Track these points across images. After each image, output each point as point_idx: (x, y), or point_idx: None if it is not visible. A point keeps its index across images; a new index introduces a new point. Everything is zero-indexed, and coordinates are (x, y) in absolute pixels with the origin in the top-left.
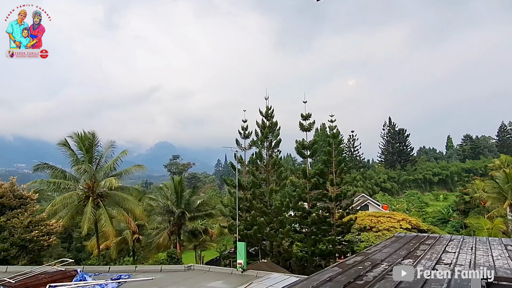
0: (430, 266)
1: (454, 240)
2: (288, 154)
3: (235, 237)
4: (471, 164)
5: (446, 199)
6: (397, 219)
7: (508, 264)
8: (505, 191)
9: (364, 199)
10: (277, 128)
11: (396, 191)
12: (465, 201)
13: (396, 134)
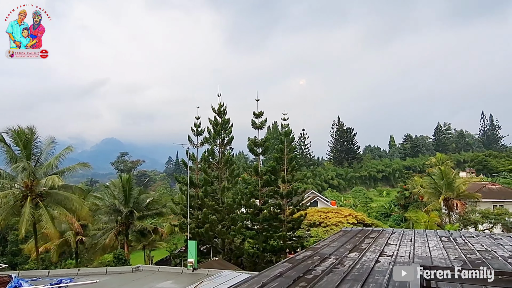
0: (374, 258)
1: (396, 233)
2: (240, 152)
3: (186, 235)
4: (411, 161)
5: (388, 194)
6: (344, 214)
7: (442, 254)
8: (440, 186)
9: (313, 196)
10: (230, 125)
11: (344, 187)
12: (405, 196)
13: (344, 133)
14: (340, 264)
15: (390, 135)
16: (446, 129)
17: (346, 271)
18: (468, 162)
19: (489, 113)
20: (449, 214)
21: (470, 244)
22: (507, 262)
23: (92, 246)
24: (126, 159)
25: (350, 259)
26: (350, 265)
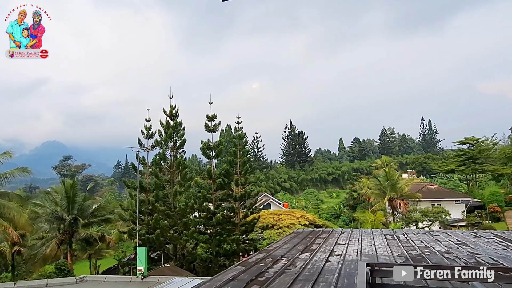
0: (324, 258)
1: (344, 233)
2: (193, 155)
3: (135, 242)
4: (359, 164)
5: (338, 196)
6: (296, 216)
7: (387, 251)
8: (385, 187)
9: (267, 198)
10: (182, 128)
11: (296, 189)
12: (354, 198)
13: (296, 136)
14: (292, 265)
15: (340, 139)
16: (391, 133)
17: (298, 272)
18: (409, 164)
19: (428, 119)
20: (393, 214)
21: (411, 241)
22: (443, 256)
23: (31, 257)
24: (70, 163)
25: (301, 259)
26: (301, 266)
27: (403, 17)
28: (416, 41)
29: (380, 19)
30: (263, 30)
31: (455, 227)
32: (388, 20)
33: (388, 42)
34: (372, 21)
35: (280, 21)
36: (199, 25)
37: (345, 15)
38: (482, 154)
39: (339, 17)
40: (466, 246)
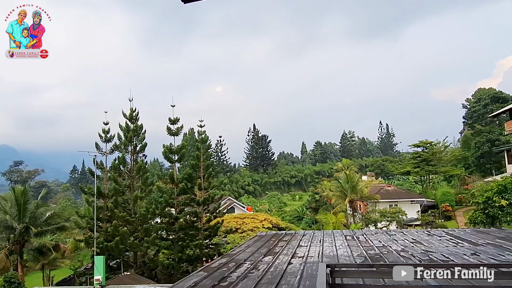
0: (287, 260)
1: (307, 235)
2: (155, 159)
3: (93, 251)
4: (321, 167)
5: (301, 198)
6: (260, 219)
7: (347, 252)
8: (346, 189)
9: (230, 202)
10: (143, 131)
11: (259, 193)
12: (316, 200)
13: (259, 140)
14: (255, 268)
15: (302, 142)
16: (351, 137)
17: (261, 275)
18: (369, 167)
19: (386, 123)
20: (354, 215)
21: (370, 241)
22: (399, 255)
23: None
24: (21, 168)
25: (264, 263)
26: (264, 269)
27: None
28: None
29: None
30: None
31: (411, 226)
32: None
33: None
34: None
35: (243, 25)
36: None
37: (307, 22)
38: (434, 156)
39: (301, 23)
40: (421, 244)
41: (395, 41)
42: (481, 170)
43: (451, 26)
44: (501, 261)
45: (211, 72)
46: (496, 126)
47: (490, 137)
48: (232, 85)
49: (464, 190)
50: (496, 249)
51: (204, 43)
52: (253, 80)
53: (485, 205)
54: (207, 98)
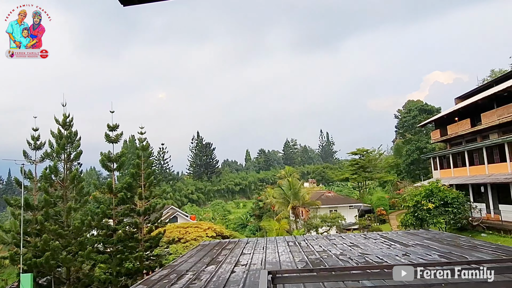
0: (230, 269)
1: (250, 243)
2: (92, 168)
3: (19, 268)
4: (264, 174)
5: (245, 206)
6: (204, 228)
7: (289, 258)
8: (288, 196)
9: (173, 211)
10: (78, 138)
11: (203, 201)
12: (260, 207)
13: (203, 147)
14: (197, 279)
15: (246, 150)
16: (293, 145)
17: (203, 286)
18: (310, 174)
19: (326, 131)
20: (296, 221)
21: (311, 246)
22: (338, 258)
23: None
24: None
25: (207, 272)
26: (207, 279)
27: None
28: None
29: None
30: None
31: (349, 230)
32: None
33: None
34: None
35: (188, 31)
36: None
37: (252, 31)
38: (370, 163)
39: (247, 32)
40: (357, 247)
41: (335, 54)
42: (411, 176)
43: (385, 43)
44: (427, 260)
45: (154, 78)
46: (424, 135)
47: (419, 145)
48: (176, 92)
49: (397, 195)
50: (424, 249)
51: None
52: (198, 87)
53: (415, 208)
54: (149, 104)
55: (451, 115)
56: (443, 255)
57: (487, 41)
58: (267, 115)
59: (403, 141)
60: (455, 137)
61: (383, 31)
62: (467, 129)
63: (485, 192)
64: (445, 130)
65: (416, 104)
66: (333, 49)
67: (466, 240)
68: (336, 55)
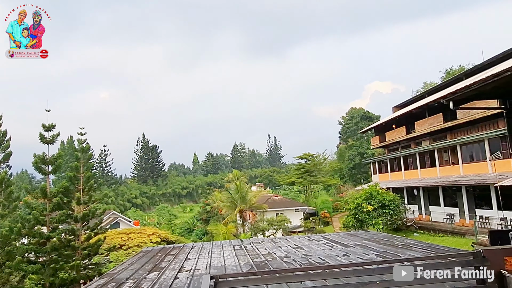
0: (173, 275)
1: (195, 247)
2: (23, 170)
3: None
4: (212, 178)
5: (192, 210)
6: (148, 234)
7: (234, 262)
8: (236, 200)
9: (115, 217)
10: (7, 138)
11: (148, 206)
12: (207, 211)
13: (149, 150)
14: (138, 287)
15: (194, 153)
16: (241, 149)
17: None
18: (258, 177)
19: (274, 136)
20: (243, 224)
21: (257, 249)
22: (283, 261)
23: None
24: None
25: (148, 280)
26: (148, 287)
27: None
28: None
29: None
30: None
31: (295, 233)
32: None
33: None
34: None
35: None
36: None
37: (201, 34)
38: (315, 167)
39: (195, 34)
40: (301, 249)
41: (283, 60)
42: (353, 180)
43: (330, 52)
44: (365, 259)
45: (96, 76)
46: (365, 141)
47: (360, 151)
48: (120, 92)
49: (340, 198)
50: (363, 249)
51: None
52: (143, 88)
53: (356, 210)
54: (91, 104)
55: (389, 122)
56: (379, 254)
57: (421, 56)
58: (215, 118)
59: (346, 146)
60: (392, 143)
61: (329, 41)
62: (403, 136)
63: (417, 194)
64: (384, 137)
65: (358, 112)
66: (281, 56)
67: (400, 239)
68: (283, 62)
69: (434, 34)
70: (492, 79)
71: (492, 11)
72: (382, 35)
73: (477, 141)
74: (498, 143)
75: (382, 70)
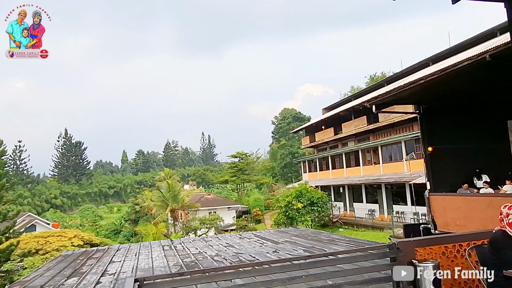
0: (95, 280)
1: (121, 249)
2: None
3: None
4: (143, 176)
5: (120, 210)
6: (69, 236)
7: (163, 262)
8: (167, 199)
9: (31, 219)
10: None
11: (70, 206)
12: (136, 211)
13: (72, 146)
14: None
15: (123, 151)
16: (174, 146)
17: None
18: (191, 176)
19: (208, 134)
20: (175, 224)
21: (187, 249)
22: (213, 259)
23: None
24: None
25: (67, 286)
26: None
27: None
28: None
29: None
30: None
31: (227, 231)
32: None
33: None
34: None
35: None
36: None
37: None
38: (249, 166)
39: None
40: (232, 247)
41: (219, 59)
42: (285, 179)
43: (265, 53)
44: (293, 255)
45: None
46: (296, 141)
47: (292, 150)
48: (39, 82)
49: (271, 196)
50: (292, 245)
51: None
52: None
53: (286, 208)
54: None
55: (319, 123)
56: (307, 249)
57: (349, 61)
58: (147, 115)
59: (278, 146)
60: (321, 144)
61: (265, 42)
62: (331, 137)
63: (343, 192)
64: (314, 137)
65: (291, 112)
66: (217, 54)
67: (326, 235)
68: (220, 60)
69: (361, 41)
70: (408, 86)
71: (410, 23)
72: (315, 40)
73: (395, 142)
74: (413, 144)
75: (313, 73)
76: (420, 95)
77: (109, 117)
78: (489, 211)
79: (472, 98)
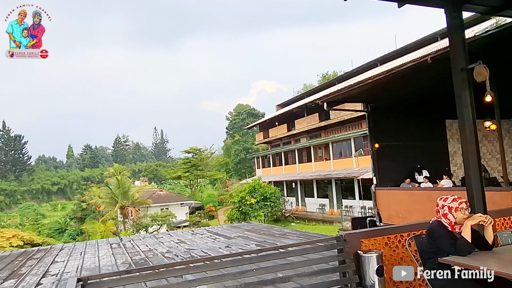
0: (36, 281)
1: (65, 249)
2: None
3: None
4: (90, 172)
5: (64, 208)
6: (7, 236)
7: (111, 261)
8: (117, 195)
9: None
10: None
11: (7, 204)
12: (83, 208)
13: (11, 140)
14: None
15: (69, 145)
16: (125, 141)
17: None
18: (142, 172)
19: (161, 129)
20: (124, 221)
21: (137, 246)
22: (164, 256)
23: None
24: None
25: None
26: None
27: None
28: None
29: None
30: None
31: (180, 228)
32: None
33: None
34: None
35: None
36: None
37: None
38: (202, 162)
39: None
40: (184, 243)
41: (173, 52)
42: (239, 174)
43: (220, 48)
44: (245, 249)
45: None
46: (250, 136)
47: (246, 146)
48: None
49: (225, 191)
50: (244, 240)
51: None
52: (4, 68)
53: (240, 203)
54: None
55: (272, 120)
56: (259, 244)
57: (303, 59)
58: (96, 108)
59: (233, 141)
60: (275, 140)
61: (219, 38)
62: (284, 133)
63: (295, 187)
64: (268, 133)
65: (245, 108)
66: (171, 48)
67: (278, 229)
68: (174, 54)
69: (314, 40)
70: (357, 85)
71: (361, 25)
72: (270, 37)
73: (345, 139)
74: (361, 141)
75: (268, 69)
76: (368, 94)
77: (53, 110)
78: (428, 204)
79: (416, 98)
